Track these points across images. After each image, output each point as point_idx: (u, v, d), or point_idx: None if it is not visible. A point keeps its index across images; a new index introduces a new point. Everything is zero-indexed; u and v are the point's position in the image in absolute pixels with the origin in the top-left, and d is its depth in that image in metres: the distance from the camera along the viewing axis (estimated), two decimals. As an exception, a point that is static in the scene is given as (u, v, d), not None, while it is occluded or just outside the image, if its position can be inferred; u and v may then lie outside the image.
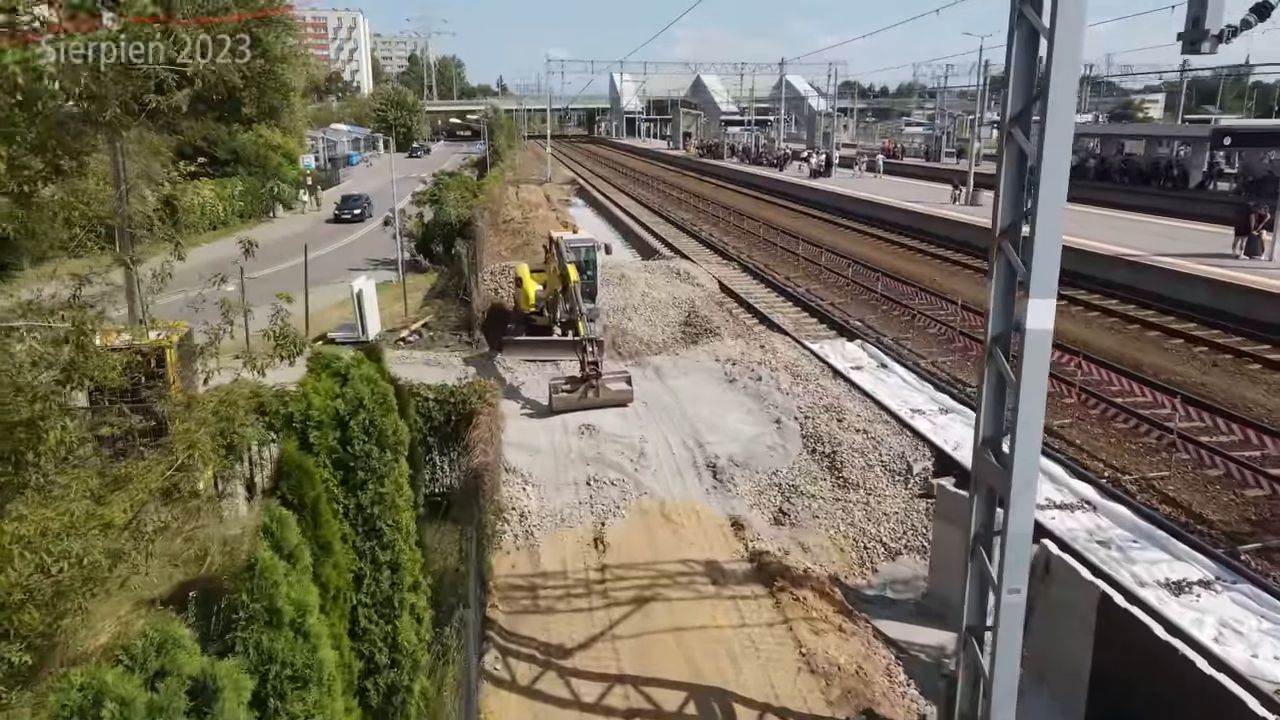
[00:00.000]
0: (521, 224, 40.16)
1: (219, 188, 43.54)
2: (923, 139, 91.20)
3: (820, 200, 48.68)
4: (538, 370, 18.69)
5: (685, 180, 67.95)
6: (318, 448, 6.45)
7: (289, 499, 5.72)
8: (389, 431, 6.72)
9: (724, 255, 32.44)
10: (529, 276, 20.32)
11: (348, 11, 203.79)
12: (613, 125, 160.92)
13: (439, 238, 31.98)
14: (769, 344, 19.51)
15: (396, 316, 25.04)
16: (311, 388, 6.68)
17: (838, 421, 14.55)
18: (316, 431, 6.47)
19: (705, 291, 25.55)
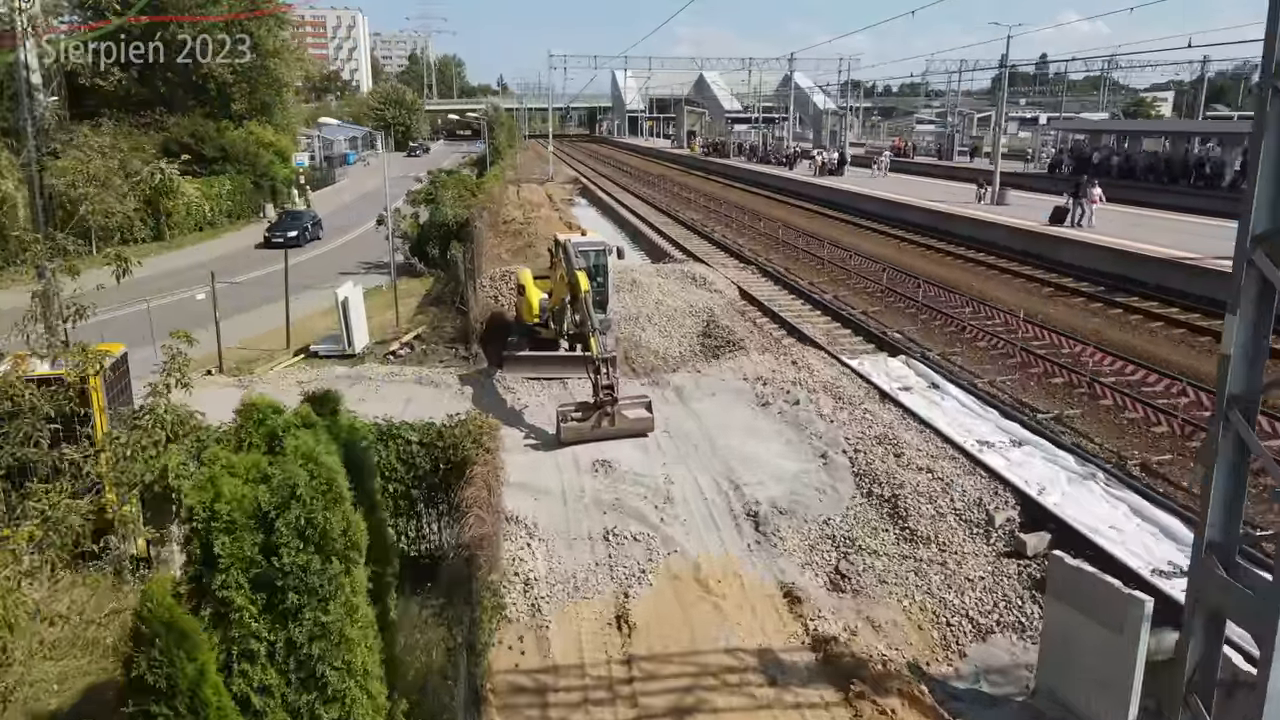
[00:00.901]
0: (523, 225, 38.05)
1: (205, 186, 41.43)
2: (934, 137, 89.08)
3: (835, 200, 46.56)
4: (543, 390, 16.57)
5: (692, 179, 65.83)
6: (226, 560, 4.32)
7: (151, 683, 3.59)
8: (335, 533, 4.59)
9: (740, 258, 30.30)
10: (532, 284, 18.19)
11: (346, 10, 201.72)
12: (615, 124, 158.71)
13: (435, 239, 29.87)
14: (802, 360, 17.36)
15: (387, 325, 22.93)
16: (222, 468, 4.52)
17: (895, 456, 12.41)
18: (226, 537, 4.34)
19: (724, 299, 23.41)
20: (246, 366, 19.42)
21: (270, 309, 25.92)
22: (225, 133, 45.62)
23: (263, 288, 28.60)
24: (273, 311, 25.36)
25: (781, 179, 58.40)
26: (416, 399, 16.41)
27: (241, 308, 26.15)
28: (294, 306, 26.00)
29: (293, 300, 27.12)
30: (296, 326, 23.16)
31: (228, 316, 25.20)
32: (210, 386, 18.19)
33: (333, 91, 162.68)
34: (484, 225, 26.59)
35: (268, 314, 25.06)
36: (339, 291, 19.69)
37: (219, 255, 35.64)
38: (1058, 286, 24.52)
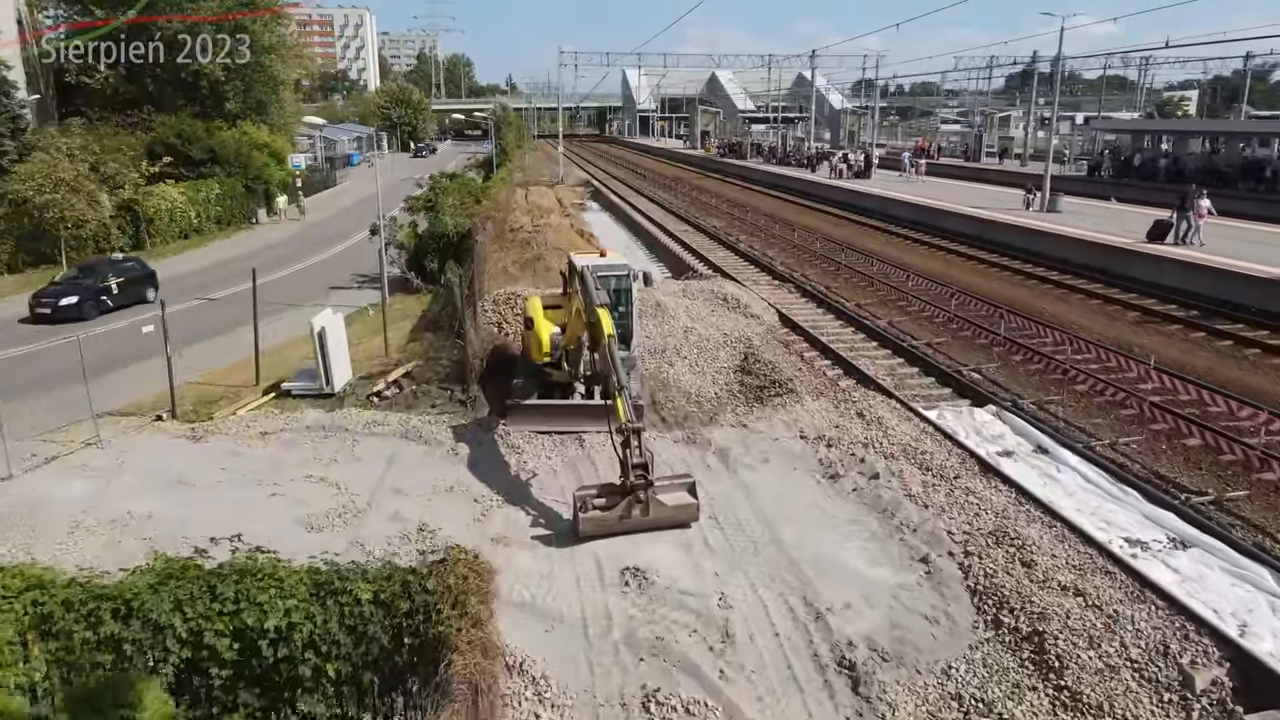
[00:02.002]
0: (531, 233, 34.99)
1: (191, 191, 38.62)
2: (958, 137, 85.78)
3: (864, 205, 43.40)
4: (555, 449, 13.56)
5: (709, 182, 62.75)
6: None
7: None
8: None
9: (773, 274, 27.21)
10: (542, 315, 15.17)
11: (354, 9, 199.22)
12: (625, 124, 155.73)
13: (434, 252, 26.95)
14: (869, 410, 14.30)
15: (375, 354, 19.96)
16: None
17: (1023, 565, 9.35)
18: None
19: (763, 325, 20.34)
20: (205, 409, 16.46)
21: (247, 332, 23.05)
22: (215, 133, 42.79)
23: (242, 305, 25.73)
24: (250, 335, 22.50)
25: (804, 182, 55.27)
26: (400, 460, 13.41)
27: (213, 330, 23.26)
28: (275, 329, 23.13)
29: (274, 322, 24.26)
30: (273, 355, 20.24)
31: (194, 341, 22.33)
32: (159, 436, 15.27)
33: (339, 90, 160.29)
34: (487, 238, 23.61)
35: (244, 338, 22.16)
36: (315, 321, 16.71)
37: (200, 266, 32.80)
38: (1144, 310, 21.37)
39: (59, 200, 29.06)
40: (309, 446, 14.06)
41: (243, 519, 11.46)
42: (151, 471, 13.28)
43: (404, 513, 11.40)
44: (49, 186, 28.92)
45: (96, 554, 10.72)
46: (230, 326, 23.83)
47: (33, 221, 29.33)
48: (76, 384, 15.34)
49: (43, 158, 29.07)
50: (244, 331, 23.31)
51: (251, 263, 34.17)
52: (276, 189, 46.29)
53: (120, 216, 33.66)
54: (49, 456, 14.01)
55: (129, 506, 11.87)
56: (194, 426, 15.27)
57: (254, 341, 18.22)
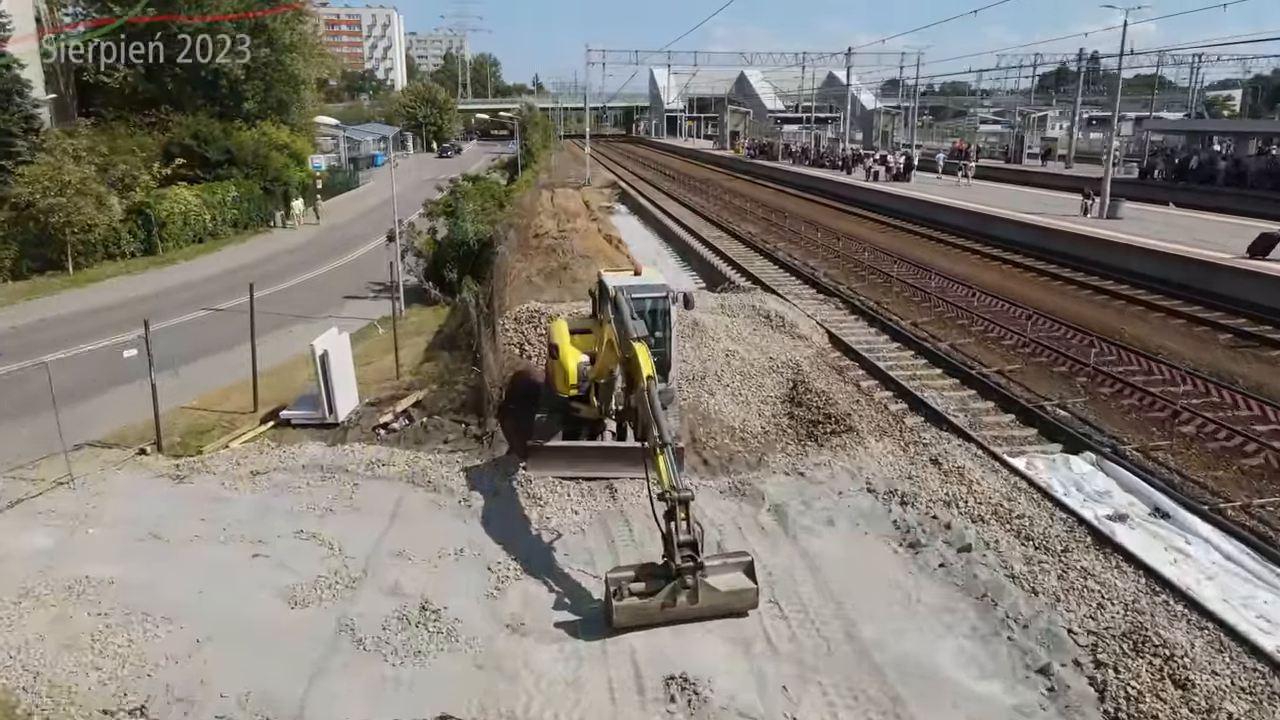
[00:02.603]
0: (557, 239, 33.32)
1: (206, 193, 37.31)
2: (997, 138, 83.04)
3: (907, 210, 41.16)
4: (582, 500, 11.75)
5: (739, 184, 60.72)
6: None
7: None
8: None
9: (817, 286, 25.22)
10: (569, 342, 13.37)
11: (382, 9, 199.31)
12: (652, 124, 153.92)
13: (453, 261, 25.28)
14: (946, 456, 12.33)
15: (385, 377, 18.27)
16: None
17: (1175, 685, 7.38)
18: None
19: (811, 347, 18.39)
20: (195, 440, 14.85)
21: (259, 347, 21.50)
22: (232, 134, 41.50)
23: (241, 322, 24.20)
24: (261, 350, 20.92)
25: (839, 185, 53.06)
26: (404, 512, 11.66)
27: (216, 345, 21.70)
28: (281, 345, 21.52)
29: (281, 337, 22.63)
30: (277, 375, 18.62)
31: (195, 358, 20.79)
32: (140, 473, 13.66)
33: (366, 90, 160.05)
34: (510, 248, 21.84)
35: (248, 355, 20.62)
36: (316, 343, 15.03)
37: (211, 273, 31.39)
38: (1237, 333, 19.14)
39: (64, 204, 27.75)
40: (303, 491, 12.36)
41: (216, 585, 9.79)
42: (123, 521, 11.64)
43: (404, 585, 9.65)
44: (54, 189, 27.61)
45: (41, 630, 9.08)
46: (235, 340, 22.27)
47: (38, 226, 28.06)
48: (69, 406, 13.83)
49: (47, 159, 27.76)
50: (259, 342, 21.85)
51: (265, 269, 32.95)
52: (296, 191, 44.92)
53: (131, 220, 32.35)
54: (14, 499, 12.44)
55: (89, 569, 10.21)
56: (178, 464, 13.64)
57: (252, 364, 16.55)
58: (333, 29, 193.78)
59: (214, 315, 25.19)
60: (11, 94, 36.59)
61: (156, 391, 14.42)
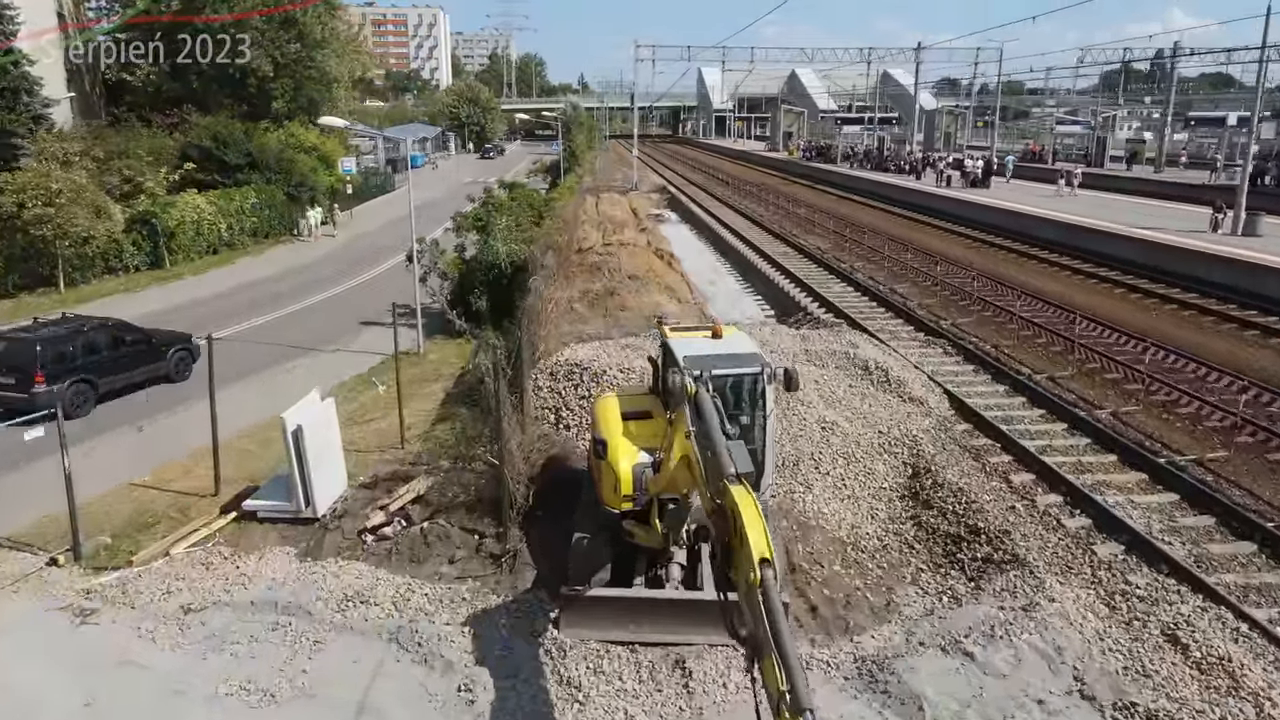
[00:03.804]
0: (603, 254, 29.47)
1: (223, 199, 34.29)
2: (1073, 140, 77.23)
3: (992, 222, 36.51)
4: (641, 686, 7.90)
5: (798, 190, 56.36)
6: None
7: None
8: None
9: (910, 319, 21.03)
10: (621, 436, 9.52)
11: (428, 8, 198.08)
12: (699, 124, 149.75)
13: (481, 285, 21.61)
14: (1193, 633, 8.20)
15: (387, 441, 14.64)
16: None
17: None
18: None
19: (929, 415, 14.29)
20: (129, 541, 11.34)
21: (248, 386, 18.06)
22: (255, 135, 38.50)
23: (253, 348, 20.81)
24: (250, 396, 17.49)
25: (909, 191, 48.45)
26: (376, 703, 7.89)
27: (200, 389, 18.27)
28: (276, 388, 18.01)
29: (279, 374, 19.17)
30: (262, 434, 15.15)
31: (167, 408, 17.40)
32: (40, 599, 10.11)
33: (410, 90, 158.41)
34: (545, 278, 18.03)
35: (241, 398, 17.20)
36: (289, 417, 11.39)
37: (220, 289, 28.22)
38: None
39: (52, 214, 24.74)
40: (242, 651, 8.70)
41: None
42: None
43: None
44: (42, 198, 24.61)
45: None
46: (228, 378, 18.88)
47: (25, 239, 25.10)
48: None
49: (33, 165, 24.77)
50: (245, 386, 18.42)
51: (277, 286, 29.51)
52: (320, 197, 41.85)
53: (135, 231, 29.35)
54: None
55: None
56: (89, 589, 10.06)
57: (212, 435, 12.98)
58: (379, 29, 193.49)
59: (215, 344, 21.91)
60: (19, 92, 33.99)
61: (71, 484, 10.88)
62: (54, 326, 16.99)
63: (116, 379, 17.31)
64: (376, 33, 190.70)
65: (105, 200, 27.78)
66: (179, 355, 18.88)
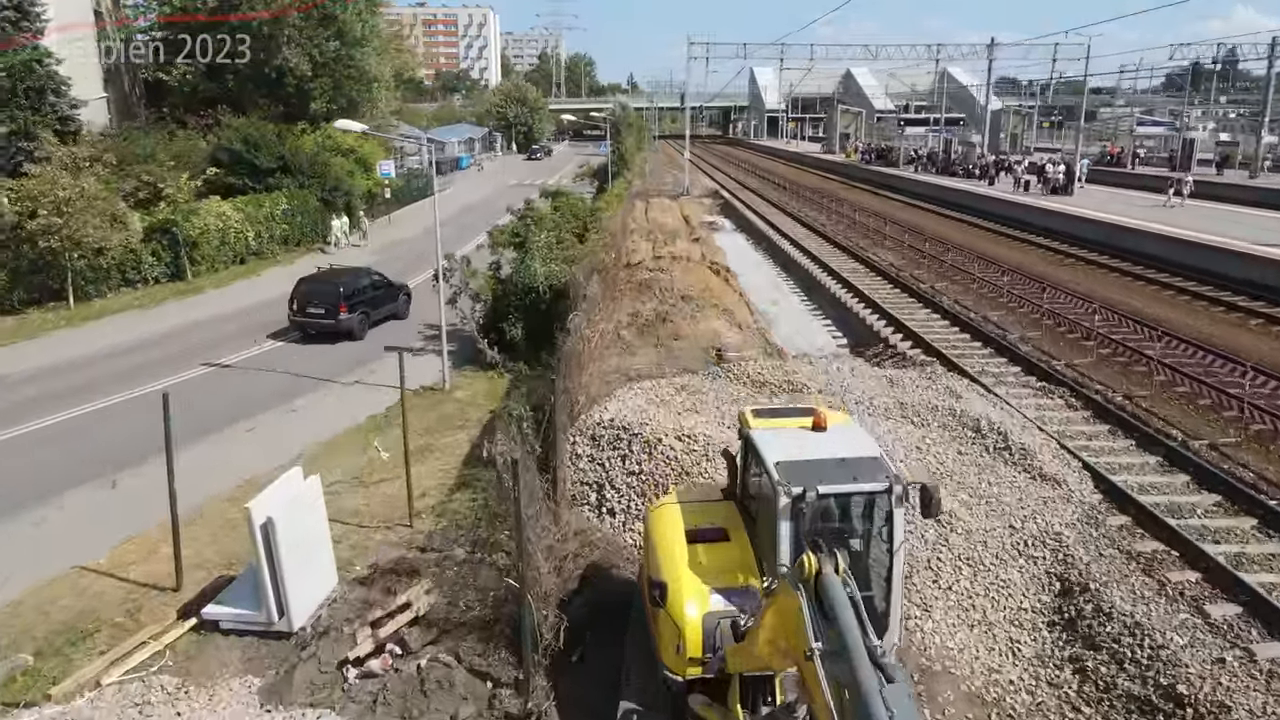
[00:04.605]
0: (654, 270, 26.76)
1: (251, 206, 32.41)
2: (1155, 142, 72.31)
3: (1085, 235, 32.80)
4: None
5: (859, 195, 53.00)
6: None
7: None
8: None
9: (1014, 358, 17.86)
10: (685, 570, 6.81)
11: (478, 8, 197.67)
12: (751, 124, 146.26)
13: (516, 311, 19.05)
14: None
15: (394, 511, 12.13)
16: None
17: None
18: None
19: (1071, 500, 11.25)
20: (61, 655, 8.97)
21: (245, 436, 15.70)
22: (289, 138, 36.60)
23: (265, 377, 18.54)
24: (247, 442, 15.19)
25: (984, 198, 44.79)
26: None
27: (202, 424, 15.90)
28: (277, 434, 15.75)
29: (281, 419, 16.86)
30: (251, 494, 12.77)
31: (151, 456, 15.20)
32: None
33: (459, 90, 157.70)
34: (586, 316, 15.32)
35: (233, 451, 14.93)
36: (255, 508, 8.90)
37: (244, 304, 26.12)
38: None
39: (60, 224, 22.89)
40: None
41: None
42: None
43: None
44: (50, 207, 22.76)
45: None
46: (234, 414, 16.69)
47: (34, 251, 23.31)
48: None
49: (37, 172, 22.90)
50: (243, 429, 16.14)
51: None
52: (360, 201, 39.87)
53: (154, 240, 27.49)
54: None
55: None
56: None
57: (171, 516, 10.52)
58: (429, 29, 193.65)
59: (215, 373, 19.74)
60: (44, 92, 32.48)
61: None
62: (341, 274, 23.69)
63: (378, 311, 23.04)
64: (427, 33, 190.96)
65: (122, 208, 25.92)
66: (404, 298, 24.31)
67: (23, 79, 31.74)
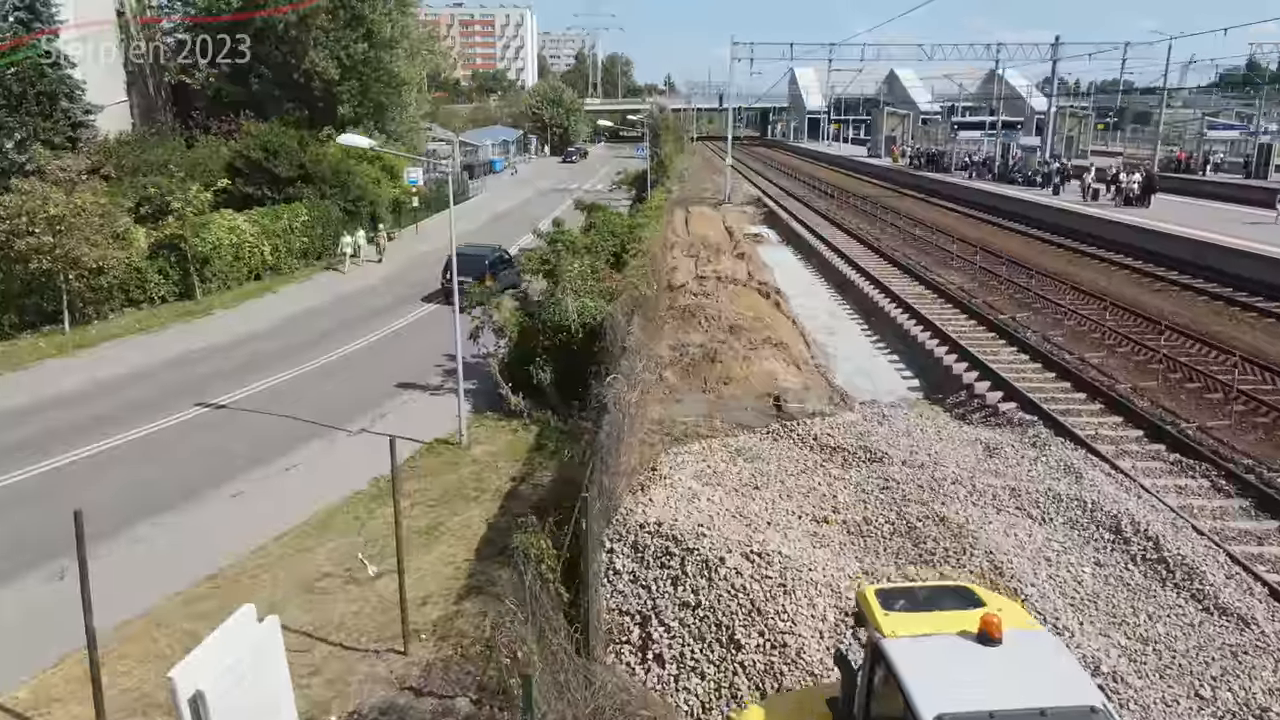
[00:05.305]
0: (698, 295, 24.28)
1: (268, 218, 30.50)
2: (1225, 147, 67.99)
3: (1176, 255, 29.50)
4: None
5: (912, 205, 49.94)
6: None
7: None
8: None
9: (1132, 417, 15.04)
10: None
11: (515, 8, 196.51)
12: (790, 125, 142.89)
13: (546, 351, 16.68)
14: None
15: (388, 630, 9.78)
16: None
17: None
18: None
19: (1267, 650, 8.59)
20: None
21: (228, 505, 13.36)
22: (311, 145, 34.68)
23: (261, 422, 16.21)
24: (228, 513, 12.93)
25: (1050, 210, 41.44)
26: None
27: (179, 492, 13.81)
28: (265, 497, 13.61)
29: (271, 481, 14.71)
30: (219, 594, 10.57)
31: (123, 528, 12.97)
32: None
33: (495, 91, 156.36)
34: (629, 372, 12.82)
35: (211, 527, 12.76)
36: (180, 677, 6.56)
37: (255, 329, 24.09)
38: None
39: (53, 242, 21.03)
40: None
41: None
42: None
43: None
44: (40, 226, 20.91)
45: None
46: (220, 473, 14.54)
47: (25, 272, 21.50)
48: None
49: (27, 187, 21.02)
50: (226, 493, 13.97)
51: (321, 322, 24.31)
52: (385, 212, 37.91)
53: (161, 258, 25.62)
54: None
55: None
56: None
57: (90, 660, 8.24)
58: (466, 29, 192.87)
59: (207, 416, 17.62)
60: (57, 97, 30.92)
61: None
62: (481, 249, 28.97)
63: (503, 280, 26.12)
64: (464, 33, 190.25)
65: (125, 223, 24.05)
66: (516, 271, 25.84)
67: (33, 83, 30.21)
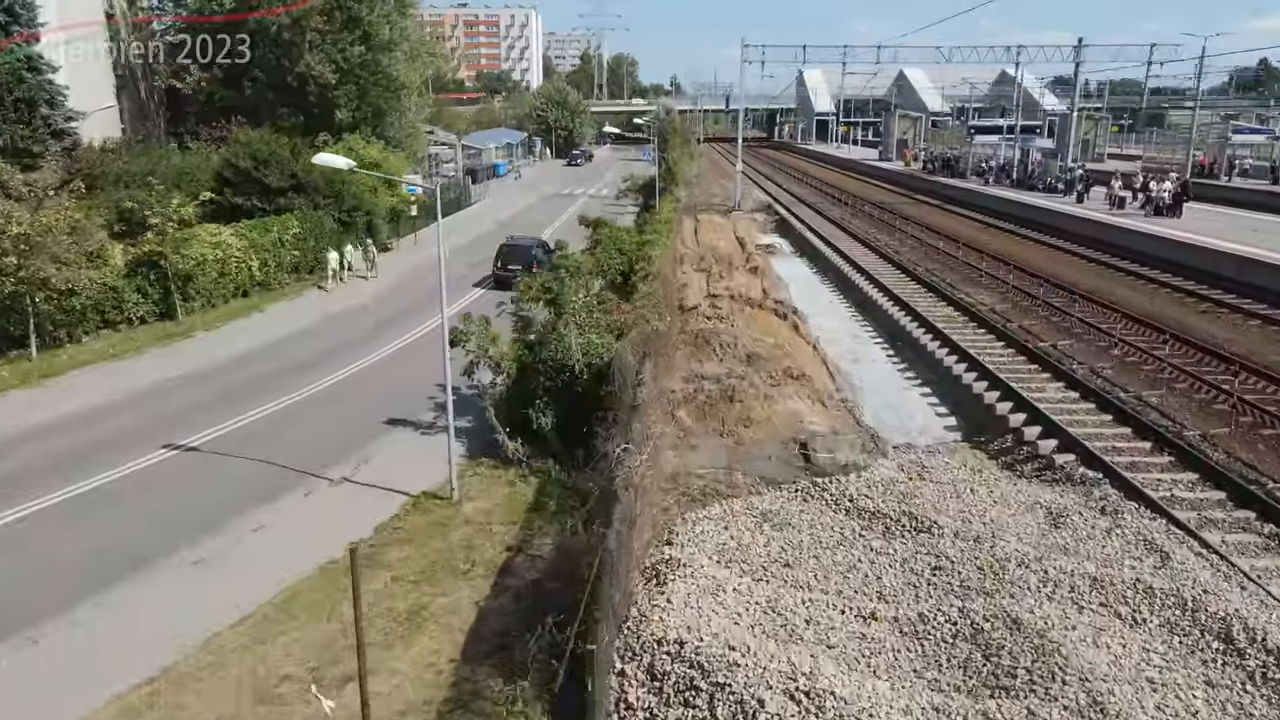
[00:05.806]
0: (713, 317, 22.64)
1: (256, 231, 28.94)
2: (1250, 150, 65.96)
3: (1219, 272, 27.76)
4: None
5: (929, 213, 48.19)
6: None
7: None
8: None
9: (1200, 469, 13.35)
10: None
11: (520, 8, 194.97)
12: (798, 127, 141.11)
13: (548, 393, 15.03)
14: None
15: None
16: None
17: None
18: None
19: None
20: None
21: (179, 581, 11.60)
22: (302, 153, 33.10)
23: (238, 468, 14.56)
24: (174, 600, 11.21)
25: (1075, 220, 39.62)
26: None
27: (138, 555, 12.15)
28: (237, 560, 12.01)
29: (245, 537, 13.05)
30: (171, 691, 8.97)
31: (76, 603, 11.37)
32: None
33: (499, 92, 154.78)
34: (641, 436, 11.13)
35: (159, 603, 11.15)
36: None
37: (235, 352, 22.52)
38: None
39: (15, 264, 19.49)
40: None
41: None
42: None
43: None
44: (7, 245, 19.36)
45: None
46: (180, 532, 12.95)
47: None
48: None
49: (-14, 204, 19.51)
50: (192, 559, 12.37)
51: (309, 345, 22.27)
52: (381, 221, 36.34)
53: (140, 276, 24.07)
54: None
55: None
56: None
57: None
58: (470, 29, 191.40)
59: (174, 460, 16.02)
60: (36, 104, 29.41)
61: None
62: (527, 240, 33.64)
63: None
64: (468, 33, 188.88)
65: (99, 239, 22.50)
66: None
67: (10, 89, 28.71)
